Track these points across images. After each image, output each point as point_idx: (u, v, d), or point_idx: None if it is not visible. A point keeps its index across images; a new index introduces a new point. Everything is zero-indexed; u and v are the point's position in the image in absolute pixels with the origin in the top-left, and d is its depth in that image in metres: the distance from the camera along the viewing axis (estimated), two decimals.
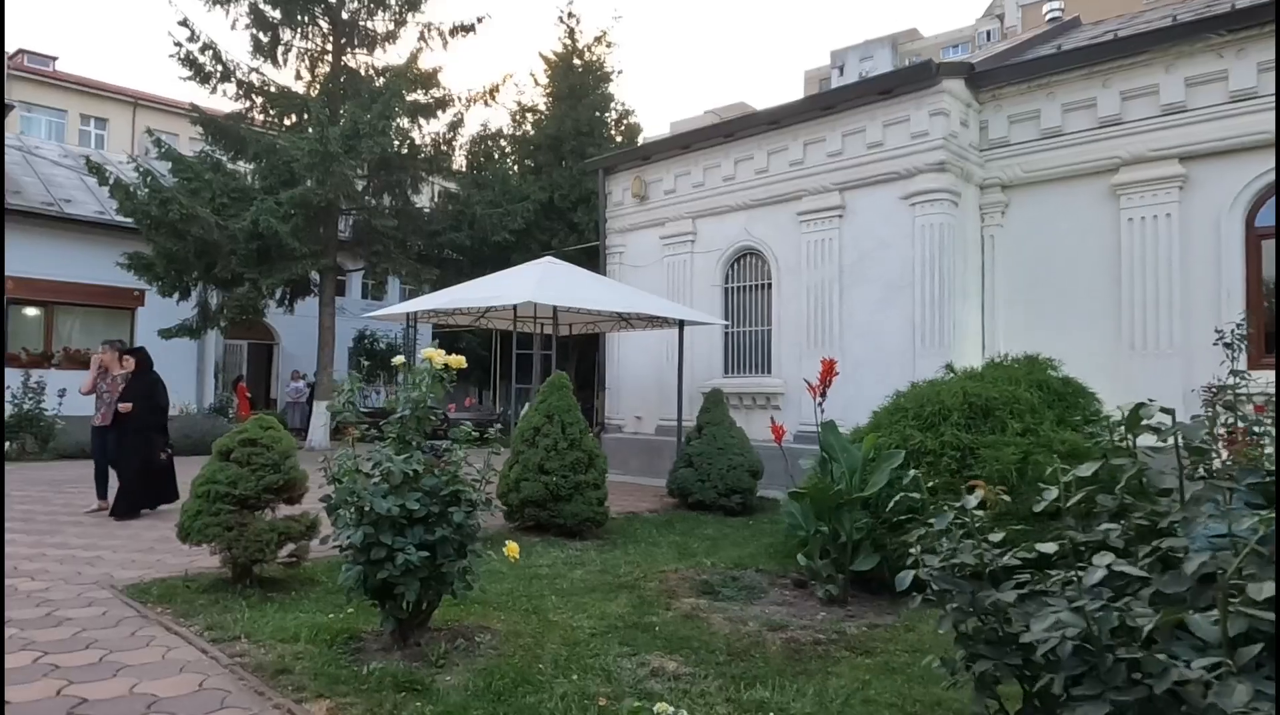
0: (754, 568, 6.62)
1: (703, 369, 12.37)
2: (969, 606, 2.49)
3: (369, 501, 4.13)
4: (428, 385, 4.75)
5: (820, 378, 6.21)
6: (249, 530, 5.42)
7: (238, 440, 5.65)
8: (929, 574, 2.60)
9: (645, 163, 13.66)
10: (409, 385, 4.77)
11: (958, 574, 2.62)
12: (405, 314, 10.62)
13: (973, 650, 2.50)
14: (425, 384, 4.72)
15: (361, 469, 4.24)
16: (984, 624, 2.53)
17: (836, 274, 11.05)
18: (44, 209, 18.52)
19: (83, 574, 5.97)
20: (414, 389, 4.72)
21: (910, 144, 10.36)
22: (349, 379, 4.65)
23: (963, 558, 2.50)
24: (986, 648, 2.46)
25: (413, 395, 4.70)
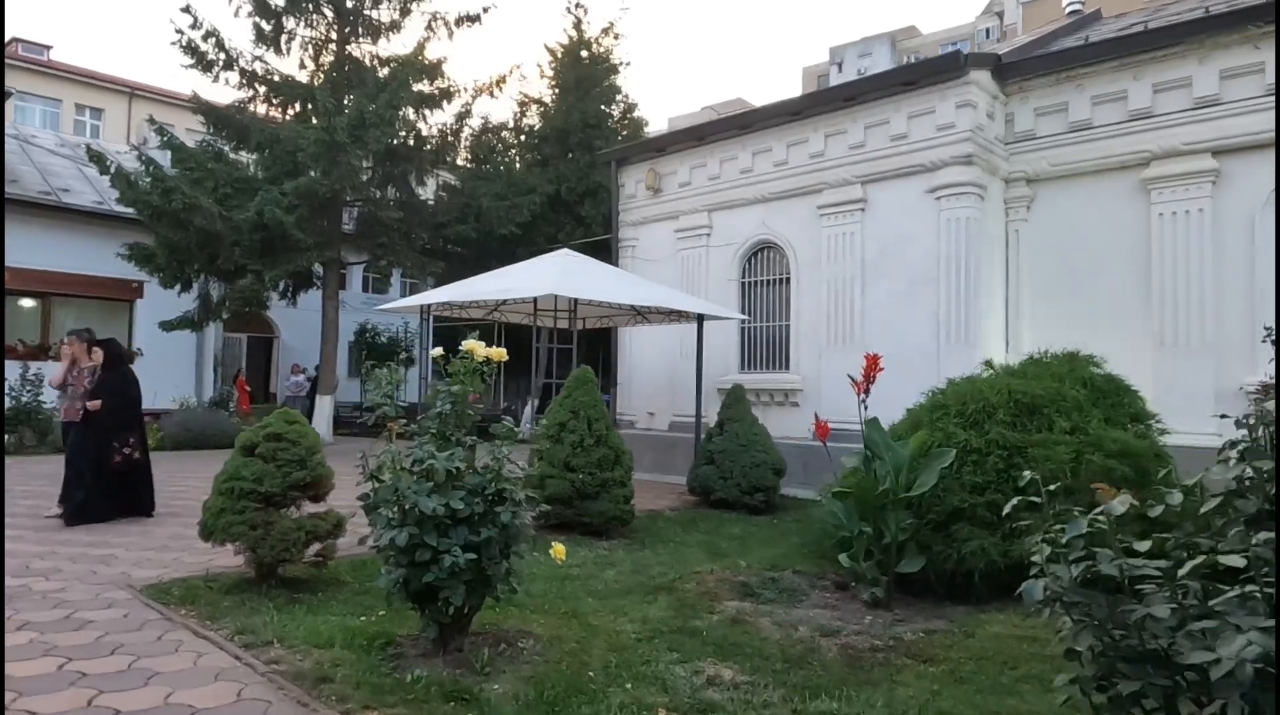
0: (790, 569, 6.42)
1: (718, 365, 12.16)
2: (1108, 621, 2.29)
3: (414, 500, 3.91)
4: (467, 379, 4.56)
5: (864, 373, 6.03)
6: (275, 529, 5.19)
7: (262, 435, 5.43)
8: (1059, 586, 2.39)
9: (659, 155, 13.43)
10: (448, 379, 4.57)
11: (1083, 584, 2.43)
12: (420, 307, 10.37)
13: (1109, 668, 2.30)
14: (465, 378, 4.53)
15: (404, 466, 4.02)
16: (1117, 640, 2.33)
17: (858, 269, 10.86)
18: (41, 198, 18.21)
19: (98, 573, 5.74)
20: (453, 383, 4.53)
21: (936, 136, 10.16)
22: (389, 372, 4.43)
23: (1103, 568, 2.29)
24: (1127, 666, 2.26)
25: (453, 389, 4.49)
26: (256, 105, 17.93)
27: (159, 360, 19.60)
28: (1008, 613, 5.21)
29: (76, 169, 21.04)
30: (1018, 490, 5.84)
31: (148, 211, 15.13)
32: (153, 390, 19.11)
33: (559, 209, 19.48)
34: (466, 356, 4.52)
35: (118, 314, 19.82)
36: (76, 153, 22.36)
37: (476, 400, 14.48)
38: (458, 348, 4.49)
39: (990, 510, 5.73)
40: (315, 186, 15.44)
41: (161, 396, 19.00)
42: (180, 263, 16.12)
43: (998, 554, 5.52)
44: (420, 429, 4.43)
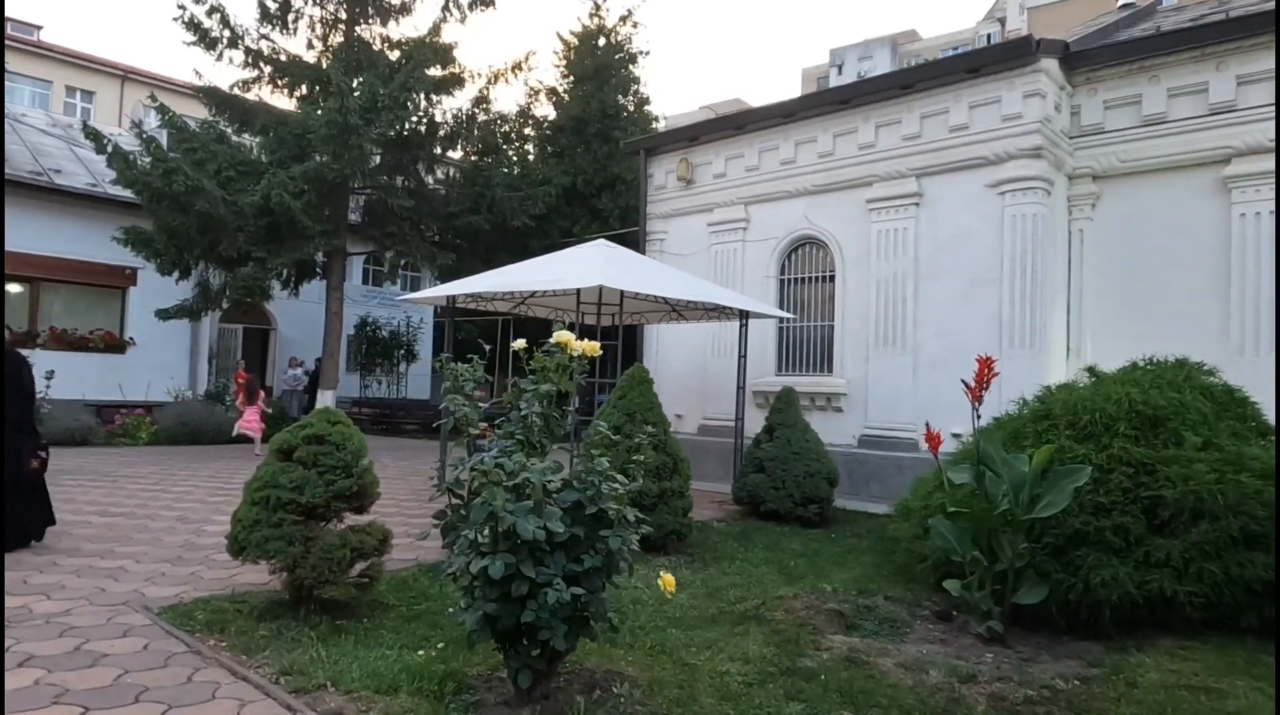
0: (881, 595, 5.77)
1: (754, 366, 11.49)
2: None
3: (512, 522, 3.23)
4: (557, 377, 3.90)
5: (976, 378, 5.37)
6: (317, 546, 4.50)
7: (301, 437, 4.73)
8: None
9: (692, 144, 12.77)
10: (537, 378, 3.91)
11: None
12: (445, 298, 9.67)
13: None
14: (554, 375, 3.88)
15: (499, 481, 3.34)
16: None
17: (911, 266, 10.23)
18: (32, 179, 17.34)
19: (107, 591, 5.03)
20: (541, 381, 3.86)
21: (1001, 127, 9.55)
22: (471, 367, 3.75)
23: None
24: None
25: (541, 389, 3.83)
26: (261, 86, 17.13)
27: (152, 351, 18.85)
28: (1152, 653, 4.58)
29: (69, 149, 20.20)
30: (1146, 512, 5.31)
31: (147, 193, 14.33)
32: (146, 381, 18.49)
33: (574, 201, 18.79)
34: (555, 350, 3.87)
35: (110, 302, 19.00)
36: (69, 133, 21.51)
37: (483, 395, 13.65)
38: (456, 341, 3.82)
39: (1118, 534, 5.11)
40: (324, 171, 14.70)
41: (155, 388, 18.25)
42: (179, 248, 15.32)
43: (1132, 585, 4.90)
44: (503, 435, 3.77)
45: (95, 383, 17.63)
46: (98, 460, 12.03)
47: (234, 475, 10.78)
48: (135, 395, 17.90)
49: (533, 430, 3.85)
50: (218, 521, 7.44)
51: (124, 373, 18.32)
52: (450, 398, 3.69)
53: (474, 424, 3.72)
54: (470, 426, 3.70)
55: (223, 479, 10.37)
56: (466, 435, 3.73)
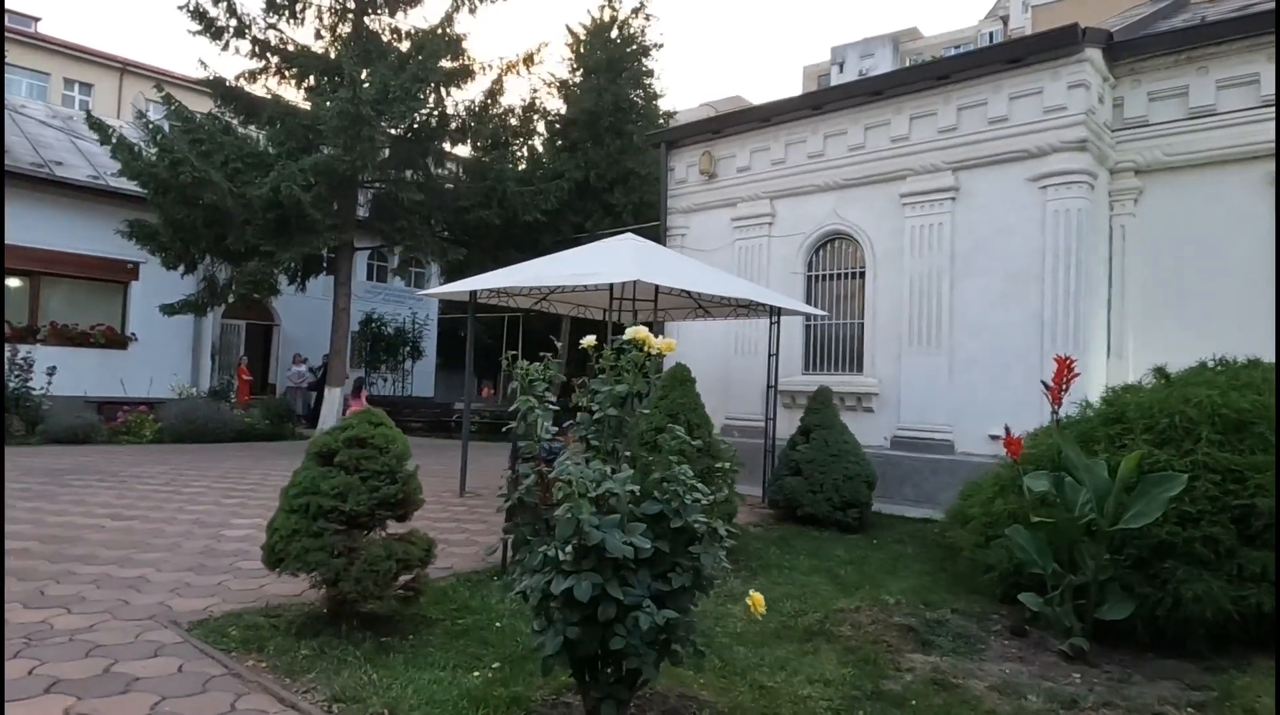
0: (947, 608, 5.46)
1: (780, 365, 11.18)
2: None
3: (600, 537, 2.91)
4: (631, 378, 3.59)
5: (1055, 378, 5.06)
6: (361, 557, 4.18)
7: (342, 439, 4.40)
8: None
9: (715, 137, 12.45)
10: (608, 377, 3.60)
11: None
12: (469, 292, 9.32)
13: None
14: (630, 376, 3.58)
15: (585, 491, 3.01)
16: None
17: (947, 263, 9.92)
18: (33, 171, 16.95)
19: (130, 603, 4.69)
20: (616, 382, 3.55)
21: (1043, 119, 9.24)
22: (543, 367, 3.43)
23: None
24: None
25: (616, 389, 3.52)
26: (268, 77, 16.76)
27: (154, 347, 18.49)
28: (1254, 674, 4.27)
29: (69, 142, 19.81)
30: (1237, 522, 5.00)
31: (153, 185, 13.98)
32: (148, 378, 18.11)
33: (587, 196, 18.44)
34: (630, 346, 3.55)
35: (111, 297, 18.62)
36: (69, 125, 21.13)
37: (489, 394, 13.35)
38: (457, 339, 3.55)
39: (1207, 546, 4.80)
40: (335, 163, 14.34)
41: (159, 385, 17.88)
42: (185, 242, 14.95)
43: (1227, 600, 4.59)
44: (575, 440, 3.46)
45: (96, 379, 17.26)
46: (103, 459, 11.68)
47: (245, 475, 10.45)
48: (137, 392, 17.53)
49: (607, 434, 3.55)
50: (236, 525, 7.12)
51: (126, 369, 17.97)
52: (521, 400, 3.36)
53: (546, 428, 3.39)
54: (542, 431, 3.37)
55: (234, 479, 10.03)
56: (537, 440, 3.40)
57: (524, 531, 3.34)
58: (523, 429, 3.39)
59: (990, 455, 9.45)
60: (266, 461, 12.20)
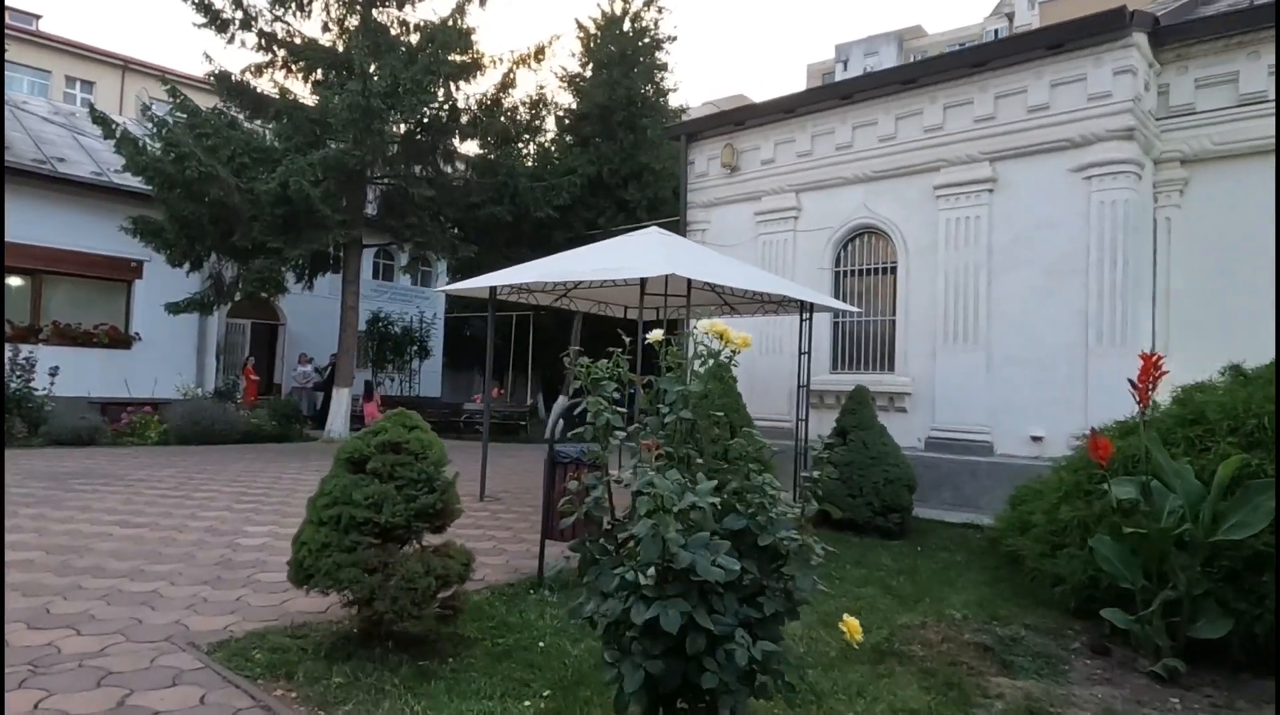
0: (1017, 623, 5.09)
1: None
2: None
3: (689, 559, 2.55)
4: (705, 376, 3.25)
5: (1140, 377, 4.69)
6: (398, 573, 3.81)
7: (374, 444, 4.04)
8: None
9: (737, 129, 12.08)
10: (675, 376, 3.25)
11: None
12: (488, 289, 8.95)
13: None
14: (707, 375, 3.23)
15: (672, 506, 2.64)
16: None
17: (984, 257, 9.56)
18: (35, 168, 16.58)
19: (144, 622, 4.33)
20: (690, 381, 3.21)
21: (1086, 107, 8.88)
22: (612, 363, 3.07)
23: None
24: None
25: (691, 389, 3.16)
26: (275, 71, 16.38)
27: (158, 347, 18.12)
28: None
29: (71, 138, 19.46)
30: None
31: (158, 180, 13.61)
32: (152, 378, 17.75)
33: (599, 192, 18.06)
34: (710, 341, 3.21)
35: (114, 295, 18.24)
36: (71, 121, 20.78)
37: (499, 394, 12.83)
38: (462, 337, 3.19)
39: None
40: (345, 158, 13.98)
41: (163, 385, 17.52)
42: (191, 239, 14.58)
43: None
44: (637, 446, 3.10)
45: (100, 379, 16.90)
46: (108, 461, 11.32)
47: (256, 479, 10.09)
48: (141, 393, 17.17)
49: (679, 439, 3.20)
50: (251, 533, 6.76)
51: (130, 369, 17.60)
52: (591, 401, 3.00)
53: (615, 433, 3.03)
54: (611, 435, 3.01)
55: (245, 483, 9.67)
56: (604, 445, 3.04)
57: (592, 550, 2.98)
58: (591, 434, 3.01)
59: (1031, 456, 9.11)
60: (276, 464, 11.84)
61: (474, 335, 27.63)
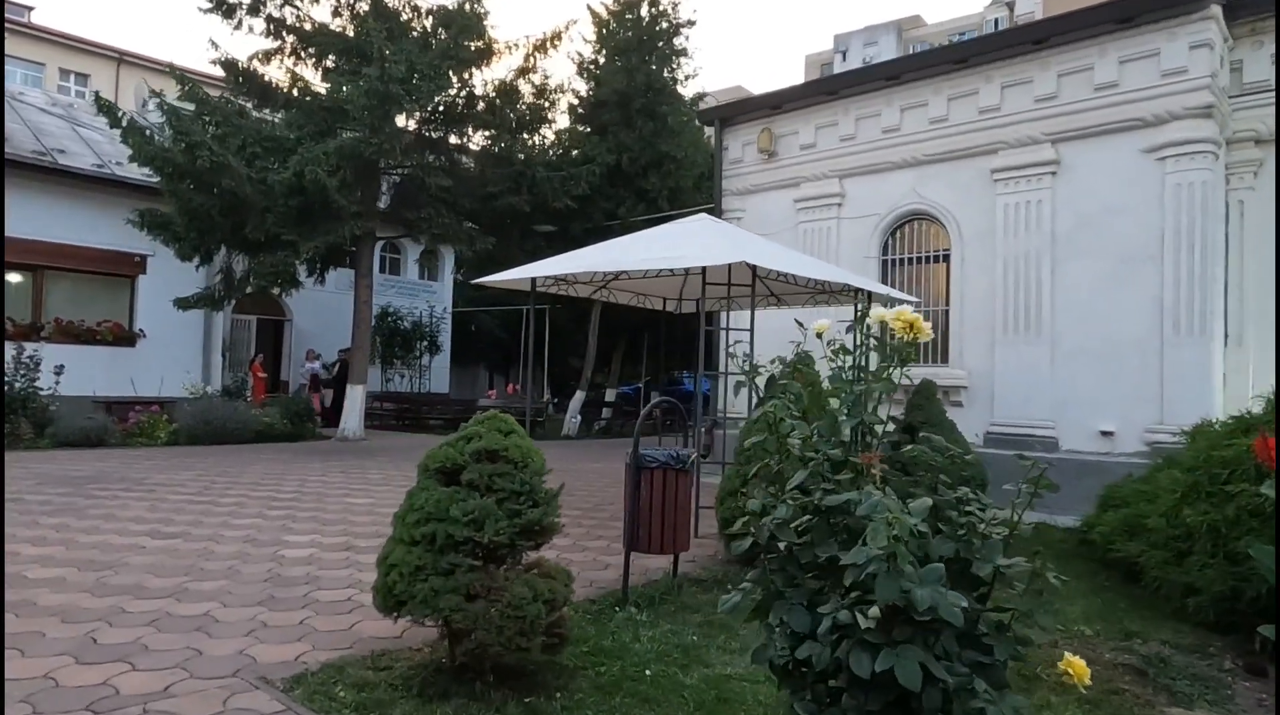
0: (1156, 640, 4.65)
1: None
2: None
3: (930, 600, 2.09)
4: (882, 373, 2.80)
5: None
6: (503, 600, 3.34)
7: (469, 452, 3.57)
8: None
9: (775, 113, 11.60)
10: (847, 371, 2.80)
11: None
12: (530, 279, 8.48)
13: None
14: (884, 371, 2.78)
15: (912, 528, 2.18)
16: None
17: (1047, 244, 9.12)
18: (35, 159, 16.01)
19: (204, 653, 3.85)
20: (863, 378, 2.76)
21: (1160, 84, 8.44)
22: (799, 358, 2.60)
23: None
24: None
25: (871, 387, 2.71)
26: (284, 58, 15.83)
27: (163, 344, 17.59)
28: None
29: (71, 130, 18.86)
30: None
31: (168, 170, 13.07)
32: (158, 376, 17.22)
33: (619, 182, 17.55)
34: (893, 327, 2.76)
35: (118, 291, 17.69)
36: (70, 113, 20.18)
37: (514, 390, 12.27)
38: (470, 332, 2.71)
39: None
40: (361, 146, 13.46)
41: (170, 383, 16.99)
42: (201, 232, 14.05)
43: None
44: (804, 450, 2.66)
45: (105, 378, 16.37)
46: (122, 464, 10.83)
47: (281, 482, 9.61)
48: (148, 391, 16.63)
49: (856, 447, 2.74)
50: (293, 543, 6.28)
51: (134, 367, 17.06)
52: (774, 404, 2.54)
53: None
54: (790, 446, 2.55)
55: (271, 487, 9.19)
56: (783, 455, 2.58)
57: (775, 580, 2.52)
58: (773, 444, 2.54)
59: (1100, 452, 8.70)
60: (297, 465, 11.36)
61: (480, 330, 27.14)
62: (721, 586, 5.39)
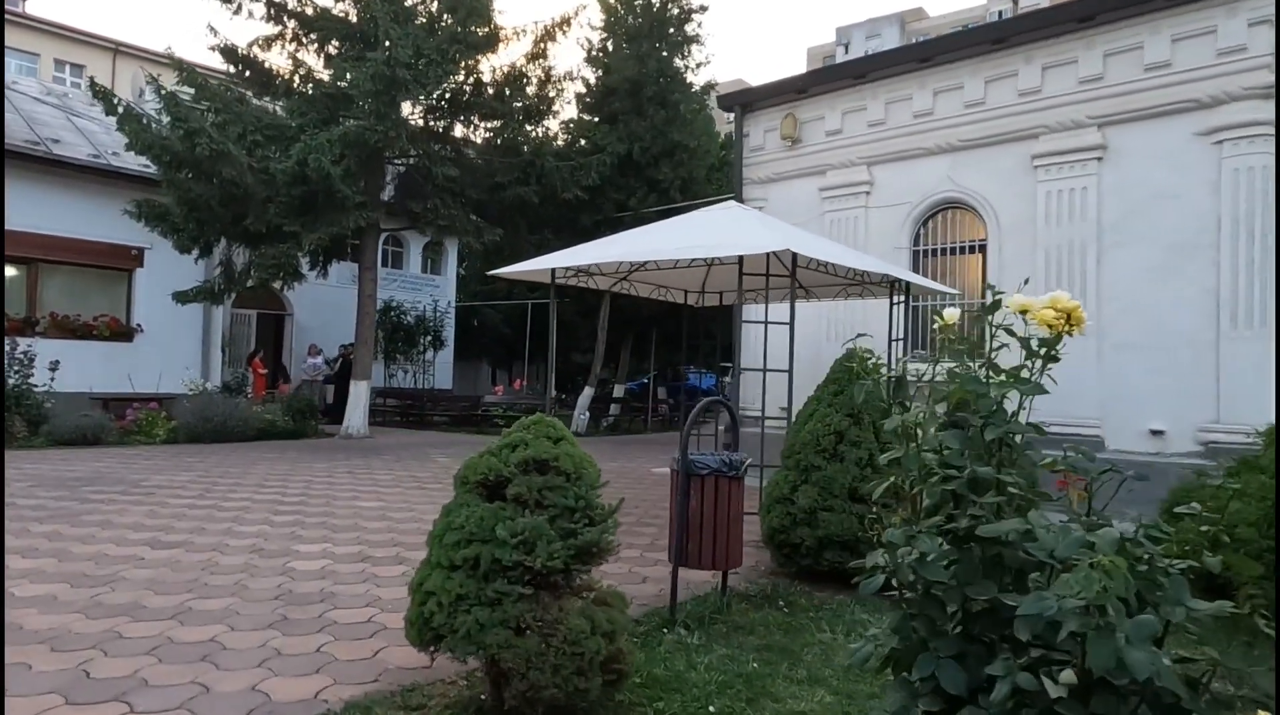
0: (1265, 663, 4.20)
1: (876, 351, 9.90)
2: None
3: (1148, 665, 1.65)
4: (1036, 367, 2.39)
5: None
6: (559, 633, 2.89)
7: (514, 462, 3.11)
8: None
9: (799, 98, 11.12)
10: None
11: None
12: (549, 270, 8.03)
13: None
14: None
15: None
16: None
17: (1093, 233, 8.66)
18: (29, 149, 15.52)
19: (212, 689, 3.40)
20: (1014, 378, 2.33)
21: (1216, 63, 7.97)
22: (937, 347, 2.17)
23: None
24: None
25: (1022, 387, 2.29)
26: (285, 44, 15.34)
27: (161, 339, 17.14)
28: None
29: (66, 119, 18.36)
30: None
31: (166, 158, 12.59)
32: (157, 372, 16.75)
33: (629, 172, 17.08)
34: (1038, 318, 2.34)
35: (115, 285, 17.23)
36: (65, 102, 19.69)
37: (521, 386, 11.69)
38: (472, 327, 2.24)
39: None
40: (367, 134, 12.99)
41: (168, 380, 16.53)
42: (200, 223, 13.58)
43: None
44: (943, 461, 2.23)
45: (101, 374, 15.92)
46: (119, 464, 10.38)
47: (286, 483, 9.17)
48: (145, 387, 16.18)
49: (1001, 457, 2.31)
50: (303, 553, 5.84)
51: (132, 363, 16.60)
52: (909, 416, 2.10)
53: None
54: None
55: (276, 489, 8.74)
56: (921, 473, 2.13)
57: (918, 627, 2.07)
58: (915, 461, 2.10)
59: (1150, 452, 8.26)
60: (302, 465, 10.91)
61: (483, 325, 26.70)
62: (772, 603, 4.96)
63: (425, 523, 7.08)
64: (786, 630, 4.51)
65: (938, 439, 2.14)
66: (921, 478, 2.15)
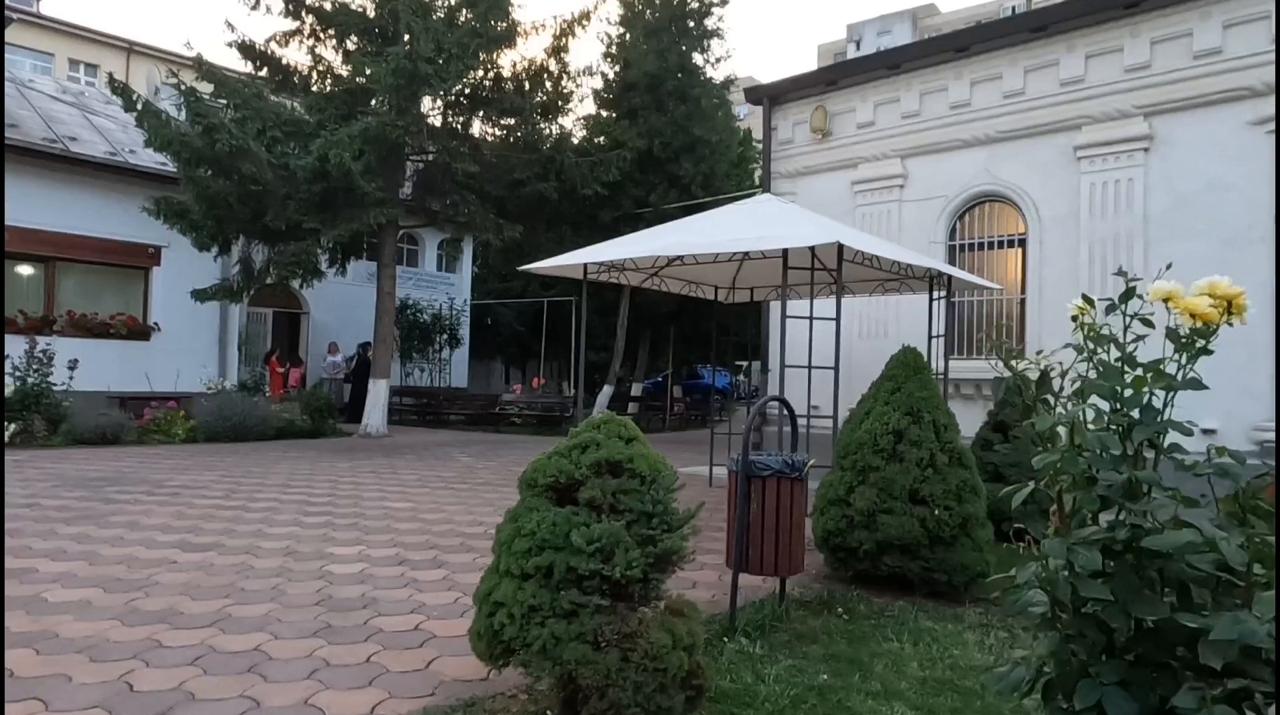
0: None
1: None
2: None
3: None
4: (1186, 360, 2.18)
5: None
6: (640, 647, 2.70)
7: (587, 465, 2.92)
8: None
9: (829, 90, 10.91)
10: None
11: None
12: (582, 265, 7.84)
13: None
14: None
15: None
16: None
17: (1139, 226, 8.42)
18: (46, 147, 15.41)
19: (262, 703, 3.21)
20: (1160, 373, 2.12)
21: (1270, 50, 7.73)
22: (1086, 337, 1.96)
23: None
24: None
25: (1175, 383, 2.08)
26: (302, 40, 15.20)
27: (178, 337, 17.03)
28: None
29: (82, 117, 18.25)
30: None
31: (185, 155, 12.46)
32: (174, 371, 16.65)
33: (649, 168, 16.88)
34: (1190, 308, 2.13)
35: (132, 283, 17.12)
36: (81, 100, 19.59)
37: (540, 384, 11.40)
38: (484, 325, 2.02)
39: None
40: (387, 129, 12.82)
41: (186, 378, 16.42)
42: (219, 220, 13.44)
43: None
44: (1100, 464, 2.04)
45: (119, 373, 15.82)
46: (140, 464, 10.24)
47: (312, 483, 9.01)
48: (163, 386, 16.07)
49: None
50: (339, 556, 5.66)
51: (149, 361, 16.50)
52: (1064, 454, 1.90)
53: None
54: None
55: (302, 489, 8.58)
56: (1079, 485, 1.93)
57: (1077, 650, 1.87)
58: (1075, 466, 1.90)
59: (1202, 452, 8.00)
60: (325, 464, 10.76)
61: (497, 323, 26.53)
62: (830, 610, 4.76)
63: (458, 525, 6.90)
64: (850, 639, 4.31)
65: (1099, 441, 1.91)
66: (1080, 483, 1.94)
